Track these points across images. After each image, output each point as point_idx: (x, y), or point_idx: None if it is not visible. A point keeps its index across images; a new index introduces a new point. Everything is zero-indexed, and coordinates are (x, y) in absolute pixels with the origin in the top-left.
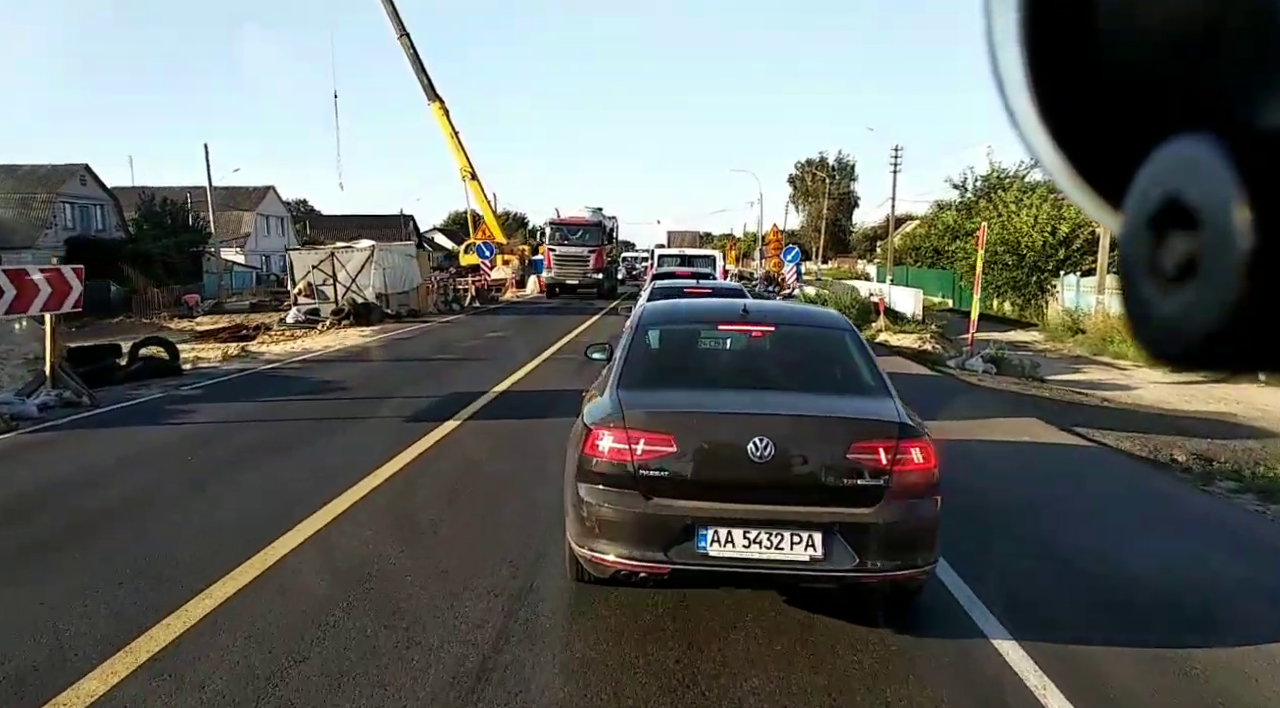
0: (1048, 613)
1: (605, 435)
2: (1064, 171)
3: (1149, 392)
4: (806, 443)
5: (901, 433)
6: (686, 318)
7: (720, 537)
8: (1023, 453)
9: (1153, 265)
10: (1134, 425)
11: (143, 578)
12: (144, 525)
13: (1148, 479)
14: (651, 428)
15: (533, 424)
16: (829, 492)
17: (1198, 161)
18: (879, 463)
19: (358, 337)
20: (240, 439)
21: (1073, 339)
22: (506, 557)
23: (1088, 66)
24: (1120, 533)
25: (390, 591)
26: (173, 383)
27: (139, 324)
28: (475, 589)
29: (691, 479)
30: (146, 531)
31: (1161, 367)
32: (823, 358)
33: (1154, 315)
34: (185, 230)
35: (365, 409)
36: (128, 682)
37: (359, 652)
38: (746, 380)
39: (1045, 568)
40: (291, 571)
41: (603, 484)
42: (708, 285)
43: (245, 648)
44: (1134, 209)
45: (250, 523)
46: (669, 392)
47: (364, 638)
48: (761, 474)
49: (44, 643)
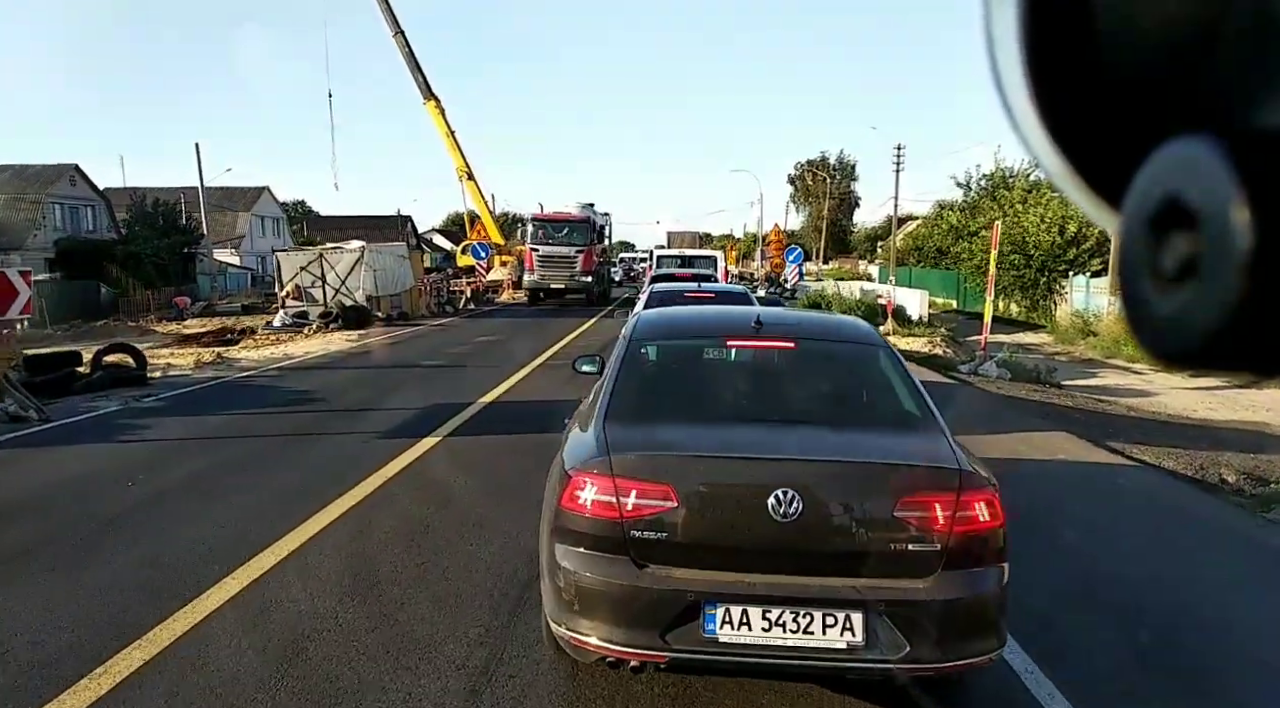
0: (1135, 692)
1: (587, 484)
2: (1063, 172)
3: (1172, 398)
4: (843, 496)
5: (963, 483)
6: (688, 331)
7: (733, 618)
8: (1061, 476)
9: (1152, 265)
10: (1168, 438)
11: (6, 661)
12: (30, 583)
13: (1205, 507)
14: (645, 476)
15: (519, 442)
16: (871, 560)
17: (1197, 162)
18: (935, 523)
19: (343, 341)
20: (190, 463)
21: (1084, 342)
22: (475, 617)
23: (1088, 66)
24: (1205, 585)
25: (327, 666)
26: (135, 394)
27: (125, 327)
28: (433, 662)
29: (696, 543)
30: (32, 590)
31: (1161, 366)
32: (855, 381)
33: (1153, 315)
34: (177, 231)
35: (336, 424)
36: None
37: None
38: (763, 412)
39: (1122, 631)
40: (204, 642)
41: (584, 547)
42: (710, 289)
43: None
44: (1133, 209)
45: (169, 576)
46: (667, 427)
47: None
48: (786, 537)
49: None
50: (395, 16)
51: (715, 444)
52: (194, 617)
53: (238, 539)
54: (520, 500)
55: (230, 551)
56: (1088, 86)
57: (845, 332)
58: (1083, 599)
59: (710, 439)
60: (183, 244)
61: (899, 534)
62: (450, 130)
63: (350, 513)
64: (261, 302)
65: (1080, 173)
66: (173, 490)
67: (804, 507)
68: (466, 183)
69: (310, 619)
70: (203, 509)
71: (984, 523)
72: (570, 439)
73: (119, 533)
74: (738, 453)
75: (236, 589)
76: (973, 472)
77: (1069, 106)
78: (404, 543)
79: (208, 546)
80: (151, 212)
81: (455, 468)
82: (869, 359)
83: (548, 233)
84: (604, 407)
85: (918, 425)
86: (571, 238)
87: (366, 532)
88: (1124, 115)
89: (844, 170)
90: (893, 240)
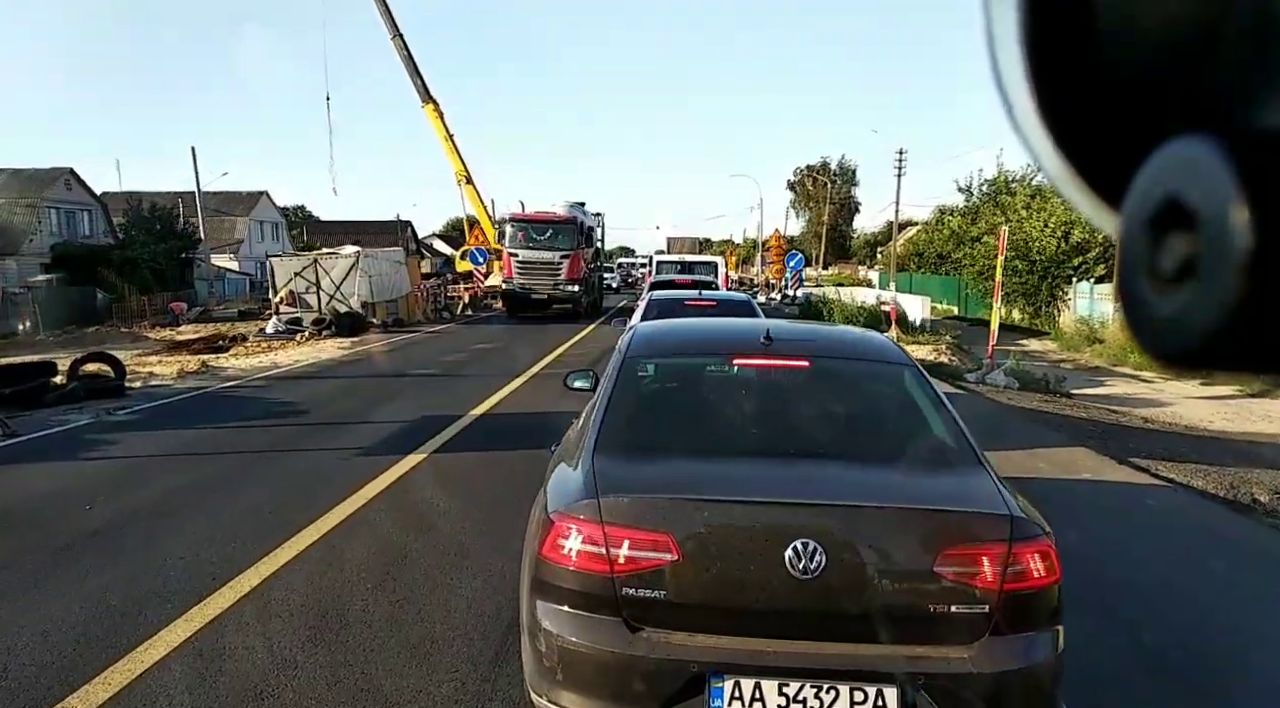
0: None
1: (573, 531)
2: (1063, 172)
3: (1186, 408)
4: (873, 548)
5: (1015, 532)
6: (689, 346)
7: (744, 693)
8: (1088, 497)
9: (1152, 266)
10: (1191, 453)
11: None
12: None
13: (1251, 533)
14: (641, 523)
15: (511, 460)
16: (907, 624)
17: (1197, 162)
18: (982, 579)
19: (335, 349)
20: (156, 483)
21: (1089, 349)
22: (451, 667)
23: (1088, 66)
24: None
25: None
26: (111, 405)
27: (118, 333)
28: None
29: (701, 603)
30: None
31: (1160, 366)
32: (879, 406)
33: (1153, 316)
34: (174, 236)
35: (317, 439)
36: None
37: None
38: (776, 443)
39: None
40: (143, 701)
41: (569, 605)
42: (711, 297)
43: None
44: (1133, 210)
45: (112, 620)
46: (667, 462)
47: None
48: (806, 597)
49: None
50: (394, 19)
51: (722, 484)
52: (134, 668)
53: (194, 573)
54: (508, 526)
55: (184, 587)
56: (1088, 86)
57: (864, 348)
58: (1141, 658)
59: (716, 478)
60: (180, 249)
61: (939, 593)
62: (449, 134)
63: (322, 541)
64: (258, 307)
65: (1080, 173)
66: (132, 515)
67: (827, 560)
68: (465, 187)
69: (266, 672)
70: (161, 538)
71: (1038, 579)
72: (554, 475)
73: (66, 567)
74: (749, 496)
75: (186, 635)
76: (1025, 518)
77: (1069, 106)
78: (378, 577)
79: (161, 580)
80: (149, 217)
81: (440, 489)
82: (893, 380)
83: (528, 236)
84: (594, 436)
85: (954, 459)
86: (556, 241)
87: (338, 563)
88: (1124, 115)
89: (844, 175)
90: (893, 246)
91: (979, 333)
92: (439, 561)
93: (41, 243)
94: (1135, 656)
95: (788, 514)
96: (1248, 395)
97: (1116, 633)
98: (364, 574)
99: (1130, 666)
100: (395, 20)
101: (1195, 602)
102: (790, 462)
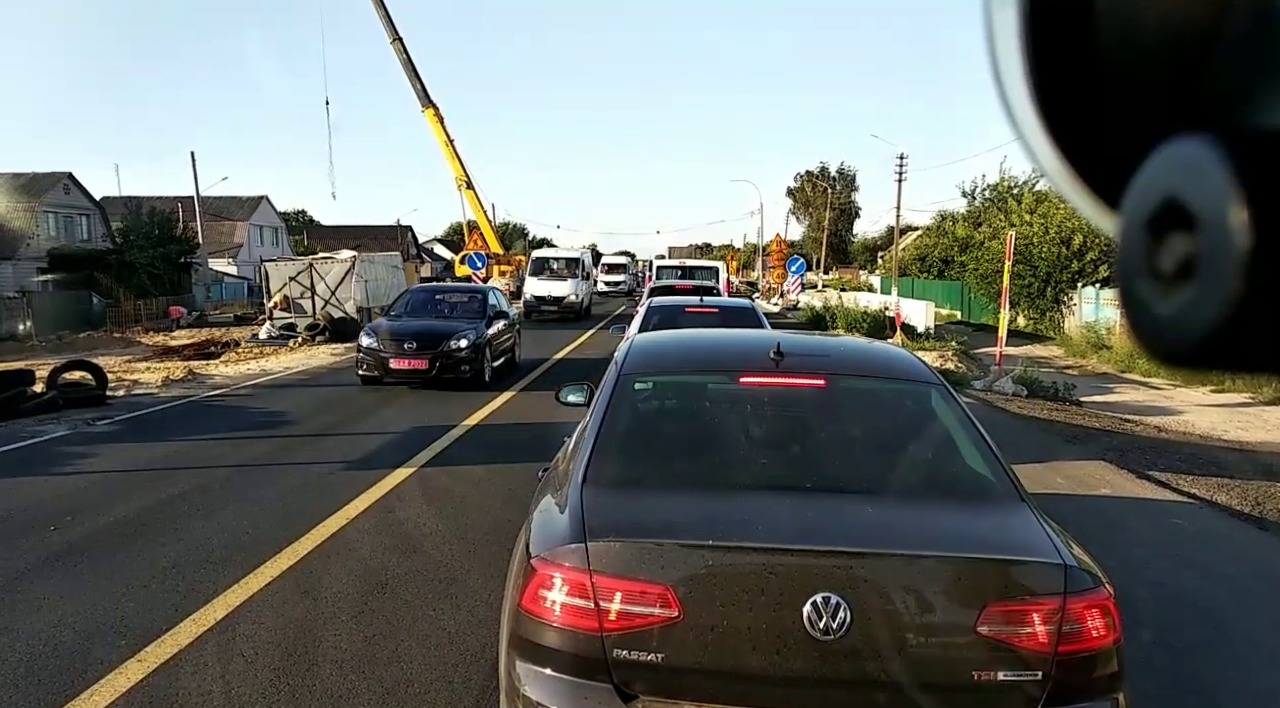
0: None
1: (557, 581)
2: (1062, 172)
3: (1198, 416)
4: (905, 604)
5: (1070, 585)
6: (691, 363)
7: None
8: (1112, 516)
9: (1151, 266)
10: (1209, 465)
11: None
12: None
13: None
14: (635, 572)
15: (504, 474)
16: (945, 695)
17: (1196, 162)
18: (1033, 640)
19: (328, 355)
20: (127, 502)
21: (1096, 355)
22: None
23: (1087, 67)
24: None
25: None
26: (90, 415)
27: (111, 338)
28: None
29: (705, 668)
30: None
31: (1160, 366)
32: (905, 432)
33: (1153, 316)
34: (173, 241)
35: (301, 452)
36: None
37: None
38: (790, 476)
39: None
40: None
41: (552, 668)
42: (712, 303)
43: None
44: (1132, 210)
45: (60, 661)
46: (665, 497)
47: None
48: (827, 661)
49: None
50: (393, 22)
51: (730, 527)
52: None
53: (155, 604)
54: (498, 548)
55: (143, 621)
56: (1088, 87)
57: (886, 364)
58: None
59: (722, 519)
60: (178, 253)
61: (983, 658)
62: (449, 138)
63: (297, 567)
64: (255, 312)
65: (1080, 173)
66: (96, 538)
67: (852, 619)
68: (465, 192)
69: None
70: (124, 564)
71: (1097, 639)
72: (538, 510)
73: (19, 598)
74: (761, 541)
75: (139, 678)
76: (1079, 567)
77: (1069, 106)
78: (355, 608)
79: (120, 613)
80: (147, 221)
81: (427, 507)
82: (920, 401)
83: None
84: (582, 466)
85: (993, 496)
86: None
87: (313, 592)
88: (1123, 115)
89: (844, 181)
90: (894, 251)
91: (983, 338)
92: (421, 589)
93: (39, 247)
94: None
95: (806, 564)
96: (1260, 403)
97: (1152, 676)
98: (340, 605)
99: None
100: (394, 24)
101: (1248, 638)
102: (807, 499)
